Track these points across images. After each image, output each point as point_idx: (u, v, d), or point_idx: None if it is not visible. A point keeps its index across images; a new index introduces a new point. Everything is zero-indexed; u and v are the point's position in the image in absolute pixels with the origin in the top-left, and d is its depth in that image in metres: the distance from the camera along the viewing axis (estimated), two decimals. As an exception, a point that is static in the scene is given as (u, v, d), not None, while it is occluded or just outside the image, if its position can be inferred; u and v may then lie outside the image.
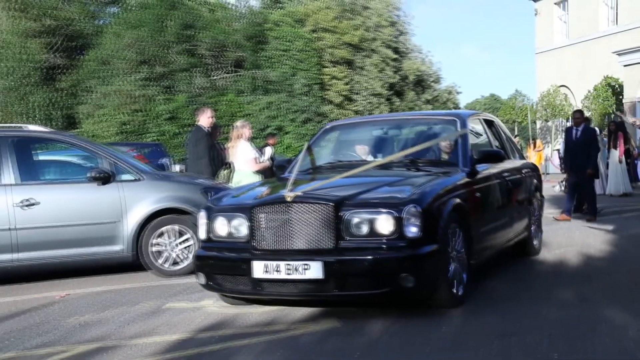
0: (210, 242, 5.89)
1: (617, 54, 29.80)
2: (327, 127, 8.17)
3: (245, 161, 10.33)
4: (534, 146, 29.68)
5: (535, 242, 8.52)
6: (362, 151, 7.77)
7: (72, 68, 34.12)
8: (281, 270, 5.30)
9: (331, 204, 5.32)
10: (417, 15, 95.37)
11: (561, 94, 35.61)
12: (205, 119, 10.56)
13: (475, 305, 5.95)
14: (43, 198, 7.88)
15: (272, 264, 5.33)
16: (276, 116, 34.37)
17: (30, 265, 7.91)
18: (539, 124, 38.81)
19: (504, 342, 4.76)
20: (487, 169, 6.94)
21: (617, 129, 19.16)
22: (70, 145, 8.86)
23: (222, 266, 5.82)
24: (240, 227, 5.66)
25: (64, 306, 6.78)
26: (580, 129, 12.39)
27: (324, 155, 7.86)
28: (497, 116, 41.02)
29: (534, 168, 9.23)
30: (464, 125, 7.03)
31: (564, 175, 15.30)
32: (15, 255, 7.77)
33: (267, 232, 5.47)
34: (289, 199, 5.38)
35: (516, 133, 35.22)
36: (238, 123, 11.14)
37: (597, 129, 13.63)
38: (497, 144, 8.09)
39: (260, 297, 5.88)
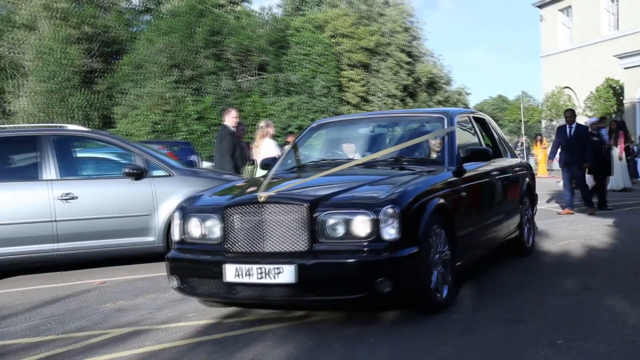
0: (184, 244, 5.28)
1: (618, 57, 29.71)
2: (314, 125, 7.44)
3: (268, 158, 10.34)
4: (540, 142, 29.53)
5: (527, 241, 7.93)
6: (348, 149, 7.10)
7: (109, 72, 34.35)
8: (253, 274, 4.72)
9: (305, 204, 4.75)
10: (429, 22, 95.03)
11: (565, 95, 35.44)
12: (229, 119, 10.61)
13: (483, 294, 5.92)
14: (82, 192, 7.93)
15: (244, 267, 4.74)
16: (297, 116, 34.42)
17: (70, 254, 7.97)
18: (544, 123, 38.57)
19: (510, 328, 4.73)
20: (474, 168, 6.36)
21: (618, 128, 19.21)
22: (107, 144, 8.92)
23: (194, 269, 5.17)
24: (213, 228, 5.10)
25: (101, 293, 6.82)
26: (573, 126, 12.36)
27: (310, 153, 7.25)
28: (504, 116, 40.76)
29: (526, 167, 8.51)
30: (451, 123, 6.41)
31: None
32: (56, 245, 7.84)
33: (240, 234, 4.90)
34: (261, 199, 4.82)
35: (523, 132, 35.00)
36: (262, 123, 11.18)
37: (588, 126, 13.61)
38: (488, 142, 7.54)
39: (234, 301, 5.35)
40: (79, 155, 9.17)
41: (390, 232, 4.64)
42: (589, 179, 13.12)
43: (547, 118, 36.83)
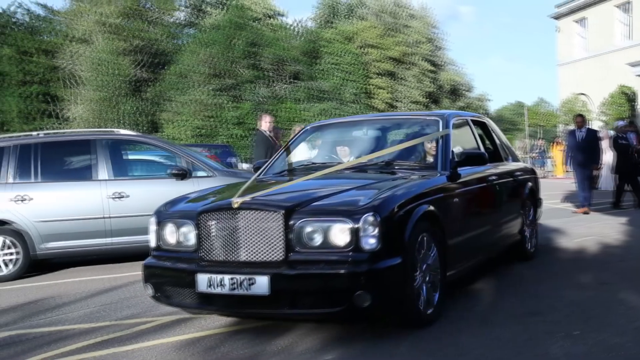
0: (160, 251, 4.74)
1: (631, 65, 29.33)
2: (308, 127, 6.73)
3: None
4: (558, 145, 29.20)
5: (529, 246, 7.21)
6: (342, 152, 6.39)
7: (156, 81, 34.66)
8: (225, 284, 4.16)
9: (280, 211, 4.16)
10: (451, 32, 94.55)
11: (580, 101, 34.98)
12: (264, 124, 10.74)
13: (502, 287, 5.87)
14: (132, 191, 8.04)
15: (217, 277, 4.20)
16: (329, 121, 34.38)
17: (121, 248, 8.10)
18: (561, 127, 38.12)
19: (528, 320, 4.67)
20: (470, 172, 5.62)
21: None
22: (154, 147, 9.03)
23: (168, 277, 4.62)
24: (188, 234, 4.52)
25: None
26: (583, 130, 12.27)
27: (302, 156, 6.51)
28: (522, 121, 40.31)
29: (528, 171, 7.73)
30: (446, 125, 5.68)
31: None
32: (109, 240, 7.97)
33: (214, 242, 4.32)
34: (235, 205, 4.24)
35: (541, 135, 34.60)
36: (297, 128, 11.22)
37: (598, 129, 13.52)
38: (489, 146, 6.93)
39: (208, 313, 4.88)
40: (129, 157, 9.28)
41: (370, 241, 4.05)
42: (613, 180, 13.09)
43: (564, 122, 36.41)
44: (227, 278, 4.17)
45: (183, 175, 8.16)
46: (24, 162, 8.09)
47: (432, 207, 4.66)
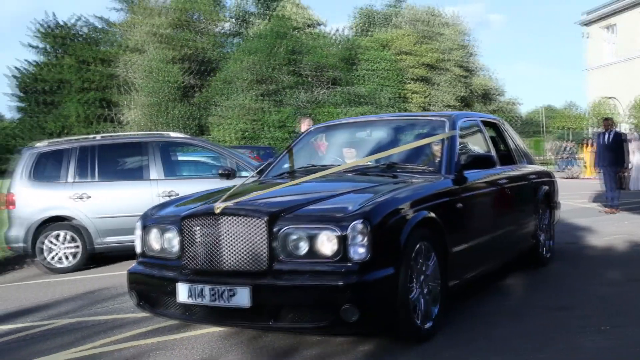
0: (145, 257, 4.30)
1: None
2: (312, 129, 6.12)
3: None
4: (587, 147, 28.65)
5: (544, 251, 6.51)
6: (349, 154, 5.72)
7: (203, 87, 35.05)
8: (205, 295, 3.70)
9: (264, 216, 3.66)
10: (482, 39, 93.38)
11: (609, 105, 34.30)
12: (304, 127, 10.69)
13: (533, 282, 5.77)
14: (181, 190, 8.08)
15: (197, 287, 3.74)
16: (366, 124, 34.27)
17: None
18: (590, 130, 37.41)
19: (560, 314, 4.59)
20: (478, 176, 5.05)
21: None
22: (202, 148, 9.13)
23: (151, 286, 4.16)
24: (172, 241, 4.06)
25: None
26: (611, 133, 12.08)
27: (304, 158, 5.81)
28: (552, 124, 39.57)
29: (543, 174, 6.94)
30: (453, 127, 5.07)
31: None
32: (160, 235, 8.06)
33: (197, 249, 3.83)
34: (217, 210, 3.76)
35: (571, 138, 33.98)
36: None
37: (625, 132, 13.28)
38: (502, 148, 6.29)
39: (191, 323, 4.38)
40: (178, 158, 9.38)
41: (359, 251, 3.53)
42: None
43: (593, 125, 35.72)
44: (207, 288, 3.70)
45: (229, 175, 8.19)
46: (83, 163, 8.25)
47: (432, 213, 4.13)
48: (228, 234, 3.72)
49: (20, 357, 4.32)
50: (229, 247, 3.71)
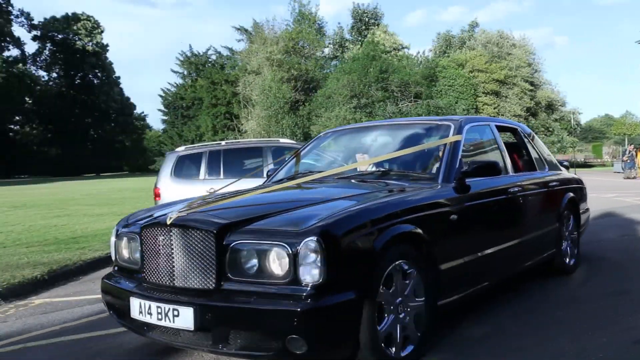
0: (117, 265, 3.39)
1: None
2: (321, 134, 4.94)
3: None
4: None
5: (568, 259, 5.12)
6: (361, 159, 4.29)
7: (307, 101, 35.47)
8: (152, 313, 2.83)
9: (212, 229, 2.73)
10: (547, 57, 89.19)
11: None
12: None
13: (591, 269, 5.34)
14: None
15: (145, 304, 2.87)
16: (443, 131, 33.58)
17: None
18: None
19: (617, 299, 4.19)
20: (484, 184, 3.85)
21: None
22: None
23: (115, 296, 3.21)
24: (136, 251, 3.17)
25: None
26: None
27: (307, 163, 4.68)
28: (610, 131, 37.07)
29: (568, 180, 5.42)
30: (459, 131, 3.94)
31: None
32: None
33: (154, 262, 2.94)
34: (168, 221, 2.86)
35: (630, 142, 31.75)
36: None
37: None
38: (524, 154, 5.02)
39: (149, 339, 3.09)
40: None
41: (312, 272, 2.54)
42: None
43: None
44: (154, 306, 2.82)
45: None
46: (212, 163, 8.47)
47: (415, 227, 3.03)
48: (178, 247, 2.82)
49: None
50: (180, 261, 2.82)
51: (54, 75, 57.64)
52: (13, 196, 20.11)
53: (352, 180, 3.82)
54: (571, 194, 5.31)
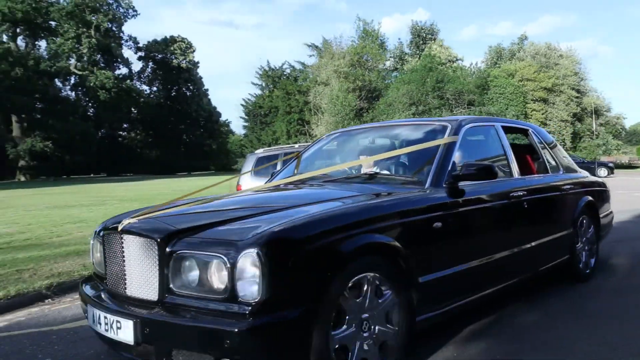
0: (93, 269, 2.88)
1: None
2: (323, 137, 4.31)
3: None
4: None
5: (584, 265, 4.35)
6: (365, 161, 3.61)
7: (370, 109, 35.39)
8: (101, 323, 2.36)
9: (156, 237, 2.26)
10: (593, 66, 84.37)
11: None
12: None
13: (632, 264, 5.09)
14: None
15: (96, 313, 2.39)
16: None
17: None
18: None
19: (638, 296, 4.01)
20: (481, 189, 3.15)
21: None
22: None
23: (83, 301, 2.66)
24: (102, 256, 2.66)
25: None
26: None
27: (306, 165, 4.01)
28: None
29: (586, 184, 4.56)
30: (455, 132, 3.27)
31: None
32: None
33: (112, 268, 2.49)
34: (119, 227, 2.43)
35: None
36: None
37: None
38: (538, 156, 4.26)
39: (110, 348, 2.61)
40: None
41: (250, 288, 2.04)
42: None
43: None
44: (102, 316, 2.35)
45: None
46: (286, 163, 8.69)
47: (386, 237, 2.46)
48: (128, 255, 2.40)
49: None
50: (130, 269, 2.38)
51: (155, 89, 60.49)
52: (121, 190, 21.20)
53: (336, 184, 3.22)
54: (589, 198, 4.50)
